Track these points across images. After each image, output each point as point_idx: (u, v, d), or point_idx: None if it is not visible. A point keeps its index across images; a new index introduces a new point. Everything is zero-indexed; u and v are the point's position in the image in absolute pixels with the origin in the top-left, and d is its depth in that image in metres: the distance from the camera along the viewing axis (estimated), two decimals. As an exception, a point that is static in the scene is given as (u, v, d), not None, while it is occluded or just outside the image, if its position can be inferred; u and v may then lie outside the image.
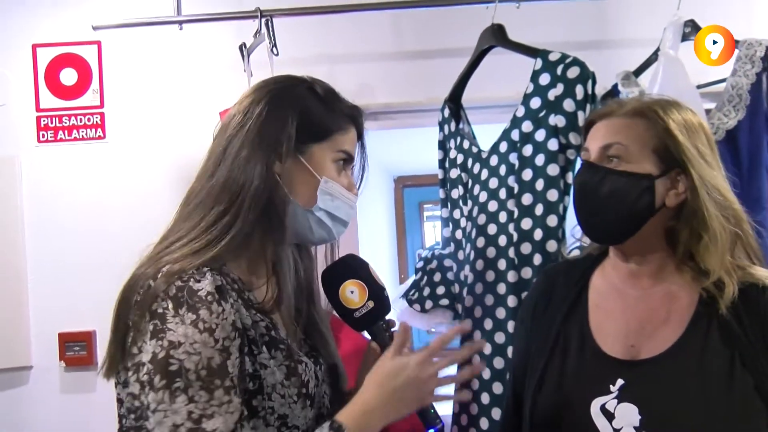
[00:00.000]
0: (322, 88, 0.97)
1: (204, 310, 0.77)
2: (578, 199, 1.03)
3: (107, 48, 2.01)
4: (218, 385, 0.75)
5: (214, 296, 0.78)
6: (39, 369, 1.98)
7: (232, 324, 0.79)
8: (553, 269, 1.17)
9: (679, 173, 0.96)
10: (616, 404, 0.93)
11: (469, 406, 1.43)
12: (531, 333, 1.09)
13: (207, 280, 0.79)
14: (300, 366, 0.87)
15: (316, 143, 0.93)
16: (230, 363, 0.77)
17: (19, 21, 2.01)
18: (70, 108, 2.01)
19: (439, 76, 1.78)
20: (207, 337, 0.76)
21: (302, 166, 0.92)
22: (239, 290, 0.86)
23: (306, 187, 0.92)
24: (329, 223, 0.94)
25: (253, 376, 0.82)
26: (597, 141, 1.01)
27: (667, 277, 1.00)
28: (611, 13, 1.96)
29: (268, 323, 0.87)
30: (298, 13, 1.83)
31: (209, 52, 1.99)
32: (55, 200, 1.99)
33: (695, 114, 1.01)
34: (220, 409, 0.75)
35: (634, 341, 0.97)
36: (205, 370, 0.75)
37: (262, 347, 0.84)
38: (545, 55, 1.40)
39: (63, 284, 1.97)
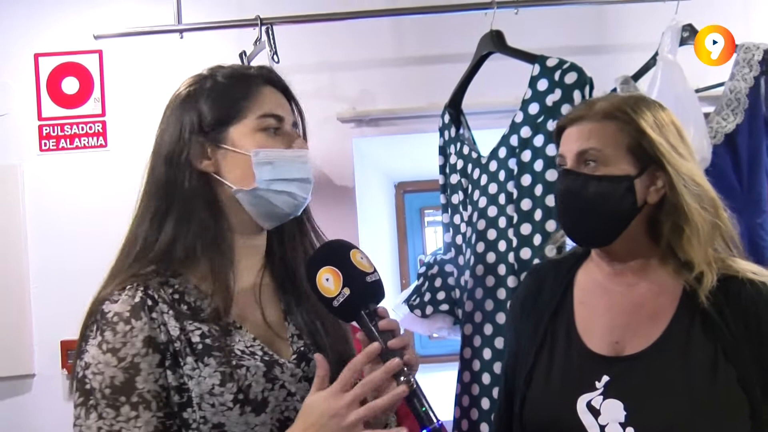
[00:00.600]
0: (222, 73, 0.95)
1: (108, 331, 0.81)
2: (561, 206, 1.04)
3: (108, 57, 2.03)
4: (123, 402, 0.79)
5: (121, 316, 0.81)
6: (42, 377, 1.98)
7: (144, 340, 0.81)
8: (539, 269, 1.18)
9: (656, 170, 0.97)
10: (601, 401, 0.94)
11: (470, 411, 1.43)
12: (519, 332, 1.10)
13: (120, 300, 0.82)
14: (239, 371, 0.83)
15: (231, 125, 0.91)
16: (140, 379, 0.80)
17: (21, 30, 2.03)
18: (72, 117, 2.02)
19: (439, 81, 1.79)
20: (109, 357, 0.80)
21: (228, 152, 0.90)
22: (179, 301, 0.86)
23: (242, 170, 0.89)
24: (285, 187, 0.90)
25: (179, 389, 0.82)
26: (572, 147, 1.01)
27: (651, 272, 1.00)
28: (610, 18, 1.97)
29: (206, 331, 0.85)
30: (298, 21, 1.83)
31: (210, 61, 1.95)
32: (58, 208, 2.00)
33: (665, 109, 1.02)
34: (128, 424, 0.78)
35: (618, 338, 0.98)
36: (108, 388, 0.79)
37: (188, 358, 0.83)
38: (543, 60, 1.40)
39: (65, 292, 1.97)
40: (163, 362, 0.81)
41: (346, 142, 2.02)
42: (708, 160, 1.44)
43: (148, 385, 0.80)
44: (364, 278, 0.84)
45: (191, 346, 0.83)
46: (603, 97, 1.07)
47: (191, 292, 0.87)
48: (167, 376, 0.82)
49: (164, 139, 0.92)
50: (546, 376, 1.02)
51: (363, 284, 0.84)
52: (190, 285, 0.88)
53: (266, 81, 0.95)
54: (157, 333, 0.82)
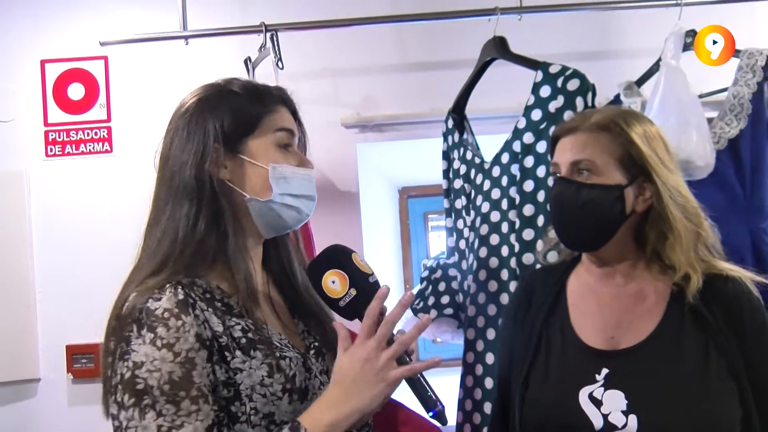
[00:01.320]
0: (239, 84, 0.98)
1: (161, 327, 0.81)
2: (555, 211, 1.09)
3: (114, 63, 2.05)
4: (183, 396, 0.79)
5: (172, 312, 0.82)
6: (47, 381, 1.99)
7: (196, 335, 0.82)
8: (531, 276, 1.23)
9: (645, 181, 1.03)
10: (603, 392, 0.98)
11: (473, 416, 1.43)
12: (513, 341, 1.14)
13: (165, 298, 0.83)
14: (283, 362, 0.89)
15: (249, 136, 0.94)
16: (196, 373, 0.80)
17: (27, 37, 2.05)
18: (78, 122, 2.04)
19: (443, 87, 1.79)
20: (165, 353, 0.80)
21: (246, 162, 0.94)
22: (212, 299, 0.89)
23: (257, 181, 0.94)
24: (294, 203, 0.96)
25: (227, 383, 0.84)
26: (566, 156, 1.06)
27: (638, 275, 1.06)
28: (613, 24, 1.97)
29: (245, 325, 0.89)
30: (302, 28, 1.85)
31: (215, 67, 2.01)
32: (63, 213, 2.02)
33: (653, 123, 1.08)
34: (189, 418, 0.78)
35: (613, 333, 1.03)
36: (167, 384, 0.79)
37: (236, 352, 0.86)
38: (546, 67, 1.41)
39: (70, 297, 1.99)
40: (211, 357, 0.83)
41: (349, 148, 2.02)
42: (711, 165, 1.44)
43: (203, 380, 0.81)
44: (367, 279, 0.92)
45: (235, 340, 0.87)
46: (597, 109, 1.13)
47: (216, 291, 0.91)
48: (215, 371, 0.83)
49: (184, 145, 0.93)
50: (544, 374, 1.06)
51: (367, 285, 0.91)
52: (212, 285, 0.91)
53: (282, 100, 1.00)
54: (202, 329, 0.84)
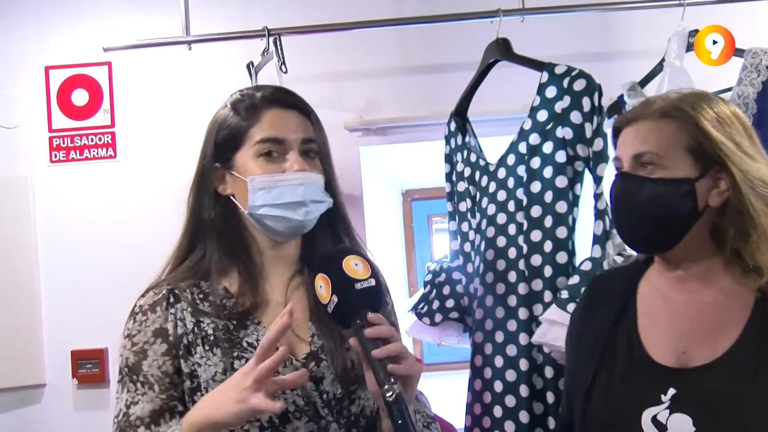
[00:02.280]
0: (234, 99, 1.02)
1: (131, 320, 0.96)
2: (617, 210, 0.98)
3: (118, 69, 2.05)
4: (136, 379, 0.93)
5: (142, 308, 0.96)
6: (52, 387, 1.99)
7: (154, 330, 0.94)
8: (599, 279, 1.13)
9: (719, 171, 0.90)
10: (668, 415, 0.88)
11: (482, 419, 1.43)
12: (578, 347, 1.05)
13: (147, 296, 0.97)
14: (238, 362, 0.92)
15: (237, 152, 0.98)
16: (146, 363, 0.93)
17: (31, 43, 2.05)
18: (82, 128, 2.04)
19: (446, 90, 1.80)
20: (127, 342, 0.95)
21: (235, 177, 0.98)
22: (202, 299, 0.96)
23: (244, 194, 0.97)
24: (277, 212, 0.95)
25: (191, 375, 0.93)
26: (627, 149, 0.95)
27: (716, 279, 0.93)
28: (615, 25, 1.97)
29: (220, 324, 0.94)
30: (305, 32, 1.85)
31: (218, 72, 2.01)
32: (68, 219, 2.02)
33: (727, 104, 0.95)
34: (143, 398, 0.92)
35: (684, 348, 0.91)
36: (127, 367, 0.94)
37: (197, 348, 0.93)
38: (551, 68, 1.41)
39: (75, 302, 1.99)
40: (171, 351, 0.94)
41: (353, 151, 2.02)
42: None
43: (151, 369, 0.93)
44: (353, 285, 0.84)
45: (204, 337, 0.94)
46: (662, 95, 1.00)
47: (219, 293, 0.97)
48: (180, 364, 0.93)
49: (197, 165, 1.03)
50: (607, 389, 0.96)
51: (351, 291, 0.84)
52: (220, 287, 0.98)
53: (272, 102, 0.98)
54: (171, 326, 0.95)
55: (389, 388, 0.79)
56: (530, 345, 1.35)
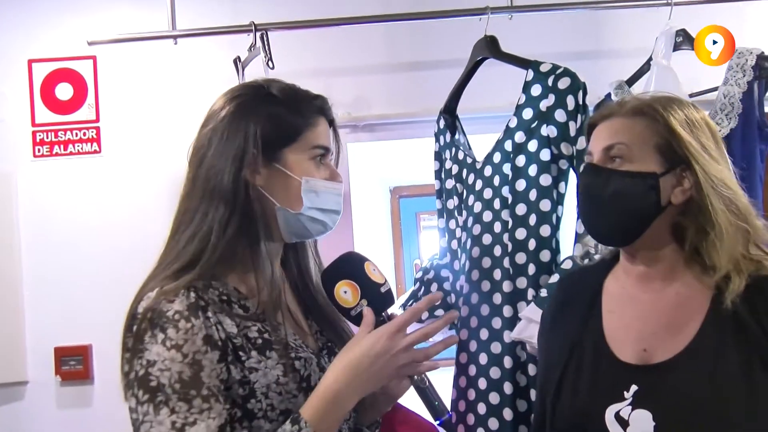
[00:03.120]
0: (280, 89, 0.98)
1: (171, 329, 0.83)
2: (583, 201, 1.02)
3: (102, 63, 2.03)
4: (194, 395, 0.81)
5: (182, 314, 0.84)
6: (35, 384, 1.97)
7: (204, 338, 0.84)
8: (567, 279, 1.16)
9: (685, 170, 0.94)
10: (630, 411, 0.91)
11: (467, 416, 1.43)
12: (550, 346, 1.08)
13: (178, 300, 0.85)
14: (298, 362, 0.90)
15: (287, 147, 0.95)
16: (204, 374, 0.83)
17: (14, 36, 2.03)
18: (66, 123, 2.02)
19: (434, 87, 1.79)
20: (175, 354, 0.82)
21: (280, 172, 0.95)
22: (228, 302, 0.91)
23: (289, 192, 0.95)
24: (321, 217, 0.97)
25: (242, 382, 0.86)
26: (599, 143, 0.99)
27: (678, 278, 0.97)
28: (603, 24, 1.98)
29: (261, 327, 0.90)
30: (292, 27, 1.84)
31: (204, 67, 2.00)
32: (51, 215, 2.00)
33: (698, 109, 0.99)
34: (201, 415, 0.81)
35: (646, 345, 0.95)
36: (178, 383, 0.81)
37: (251, 352, 0.88)
38: (536, 66, 1.41)
39: (59, 298, 1.97)
40: (224, 358, 0.85)
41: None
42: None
43: (212, 380, 0.83)
44: (379, 289, 0.93)
45: (251, 341, 0.88)
46: (636, 95, 1.05)
47: (232, 293, 0.92)
48: (230, 371, 0.85)
49: (222, 148, 0.92)
50: (574, 386, 0.99)
51: (378, 295, 0.93)
52: (230, 287, 0.93)
53: (321, 111, 1.00)
54: (213, 331, 0.85)
55: (420, 377, 0.91)
56: (514, 343, 1.35)
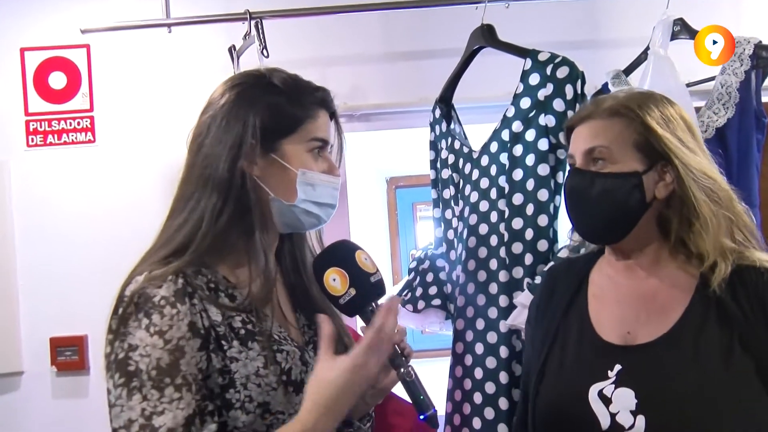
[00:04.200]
0: (282, 79, 0.97)
1: (156, 314, 0.83)
2: (570, 204, 1.05)
3: (96, 51, 2.01)
4: (168, 383, 0.81)
5: (168, 300, 0.84)
6: (30, 374, 1.96)
7: (189, 324, 0.84)
8: (555, 269, 1.18)
9: (665, 165, 0.98)
10: (613, 389, 0.94)
11: (462, 406, 1.43)
12: (535, 335, 1.11)
13: (165, 286, 0.85)
14: (280, 354, 0.90)
15: (285, 138, 0.94)
16: (183, 361, 0.82)
17: (6, 24, 2.00)
18: (60, 112, 2.00)
19: (430, 76, 1.78)
20: (157, 340, 0.82)
21: (277, 163, 0.94)
22: (216, 290, 0.90)
23: (285, 183, 0.94)
24: (316, 210, 0.97)
25: (222, 371, 0.86)
26: (580, 145, 1.03)
27: (662, 266, 1.01)
28: (601, 13, 1.97)
29: (245, 317, 0.90)
30: (287, 15, 1.82)
31: (199, 55, 1.98)
32: (45, 205, 1.98)
33: (673, 103, 1.02)
34: (171, 405, 0.81)
35: (630, 327, 0.98)
36: (155, 370, 0.81)
37: (233, 342, 0.87)
38: (535, 55, 1.40)
39: (54, 288, 1.96)
40: (205, 346, 0.85)
41: (337, 137, 2.00)
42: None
43: (190, 368, 0.83)
44: (369, 279, 0.91)
45: (234, 330, 0.88)
46: (611, 95, 1.08)
47: (221, 282, 0.92)
48: (211, 359, 0.85)
49: (221, 136, 0.92)
50: (558, 367, 1.02)
51: (368, 284, 0.90)
52: (219, 276, 0.92)
53: (325, 104, 0.99)
54: (198, 318, 0.85)
55: (406, 370, 0.88)
56: (510, 332, 1.35)
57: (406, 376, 0.88)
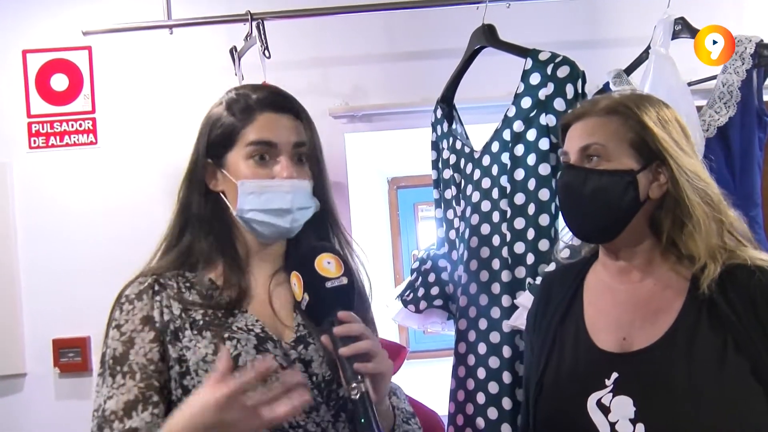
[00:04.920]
0: (230, 93, 1.02)
1: (118, 310, 0.95)
2: (563, 201, 1.05)
3: (98, 53, 2.01)
4: (118, 371, 0.91)
5: (129, 298, 0.95)
6: (33, 376, 1.97)
7: (142, 318, 0.93)
8: (550, 275, 1.18)
9: (660, 165, 0.97)
10: (611, 398, 0.93)
11: (466, 406, 1.43)
12: (534, 339, 1.10)
13: (132, 285, 0.97)
14: (230, 342, 0.91)
15: (229, 151, 0.98)
16: (132, 351, 0.91)
17: (8, 26, 2.01)
18: (62, 114, 2.00)
19: (432, 76, 1.78)
20: (115, 332, 0.93)
21: (226, 177, 0.99)
22: (189, 288, 0.97)
23: (233, 195, 0.98)
24: (267, 218, 0.97)
25: (180, 360, 0.92)
26: (575, 143, 1.02)
27: (655, 269, 1.00)
28: (602, 12, 1.97)
29: (212, 312, 0.95)
30: (288, 16, 1.82)
31: (200, 56, 1.98)
32: (48, 206, 1.99)
33: (668, 107, 1.02)
34: (117, 391, 0.89)
35: (625, 334, 0.97)
36: (112, 359, 0.92)
37: (186, 332, 0.93)
38: (535, 54, 1.40)
39: (56, 290, 1.97)
40: (158, 338, 0.93)
41: (338, 138, 2.01)
42: (701, 153, 1.44)
43: (137, 358, 0.91)
44: (323, 284, 0.86)
45: (193, 322, 0.94)
46: (606, 95, 1.07)
47: (204, 283, 0.98)
48: (167, 349, 0.92)
49: (190, 159, 1.02)
50: (556, 377, 1.01)
51: (322, 290, 0.86)
52: (205, 279, 0.98)
53: (266, 105, 0.99)
54: (157, 313, 0.94)
55: (355, 386, 0.81)
56: (513, 332, 1.35)
57: (351, 392, 0.81)
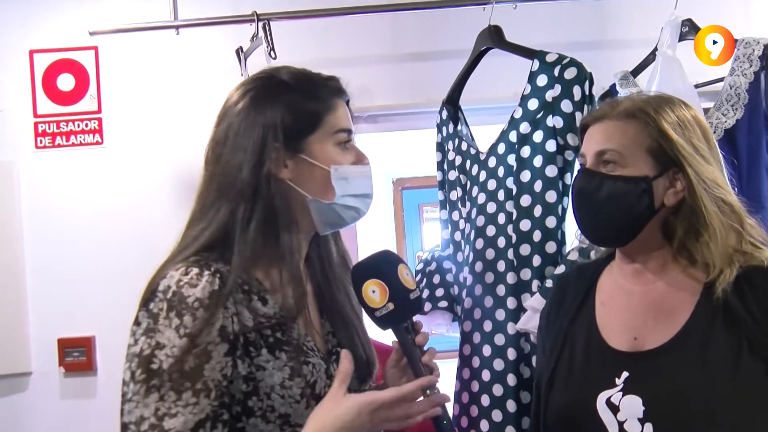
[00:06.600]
0: (291, 75, 0.94)
1: (188, 316, 0.80)
2: (577, 205, 1.04)
3: (104, 53, 2.01)
4: (188, 387, 0.79)
5: (202, 302, 0.81)
6: (38, 375, 1.97)
7: (220, 329, 0.82)
8: (565, 276, 1.18)
9: (677, 172, 0.96)
10: (620, 397, 0.93)
11: (470, 408, 1.43)
12: (546, 340, 1.10)
13: (200, 285, 0.82)
14: (306, 367, 0.88)
15: (310, 135, 0.92)
16: (208, 366, 0.81)
17: (16, 27, 2.01)
18: (68, 114, 2.00)
19: (438, 78, 1.78)
20: (186, 342, 0.80)
21: (306, 162, 0.91)
22: (249, 291, 0.88)
23: (319, 182, 0.92)
24: (355, 203, 0.95)
25: (247, 378, 0.84)
26: (592, 146, 1.01)
27: (668, 272, 0.99)
28: (608, 14, 1.96)
29: (276, 324, 0.88)
30: (295, 17, 1.82)
31: (207, 57, 1.99)
32: (54, 206, 1.99)
33: (689, 108, 1.01)
34: (185, 410, 0.79)
35: (637, 334, 0.97)
36: (177, 373, 0.79)
37: (262, 350, 0.85)
38: (542, 56, 1.39)
39: (62, 290, 1.97)
40: (232, 351, 0.83)
41: (344, 139, 2.00)
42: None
43: (213, 374, 0.81)
44: (408, 295, 0.90)
45: (264, 338, 0.86)
46: (628, 96, 1.06)
47: (254, 284, 0.89)
48: (236, 365, 0.83)
49: (240, 142, 0.89)
50: (567, 376, 1.01)
51: (407, 301, 0.90)
52: (252, 279, 0.90)
53: (341, 93, 0.97)
54: (230, 323, 0.83)
55: (433, 391, 0.87)
56: (518, 334, 1.35)
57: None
